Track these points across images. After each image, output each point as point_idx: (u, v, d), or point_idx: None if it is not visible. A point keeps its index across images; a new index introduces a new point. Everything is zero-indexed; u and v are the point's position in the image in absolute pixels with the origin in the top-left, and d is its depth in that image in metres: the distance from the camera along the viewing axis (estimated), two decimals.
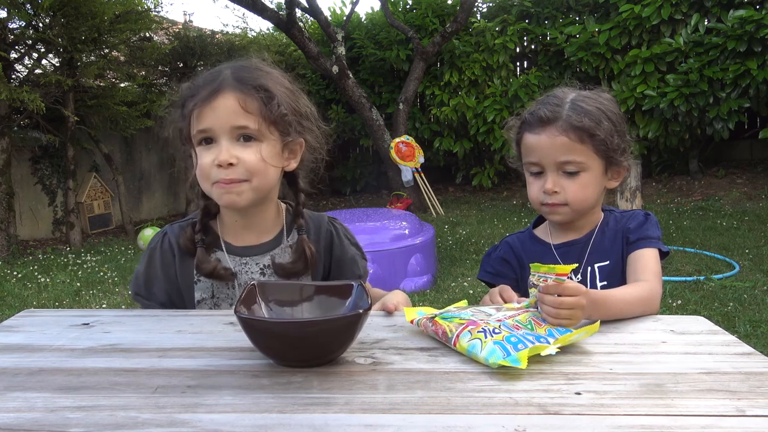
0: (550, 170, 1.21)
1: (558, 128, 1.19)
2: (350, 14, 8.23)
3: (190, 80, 1.16)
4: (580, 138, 1.18)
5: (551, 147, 1.20)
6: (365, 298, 0.89)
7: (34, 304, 3.96)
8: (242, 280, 1.17)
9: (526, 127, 1.25)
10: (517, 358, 0.79)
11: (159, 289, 1.19)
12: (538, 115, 1.22)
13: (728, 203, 6.42)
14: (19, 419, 0.68)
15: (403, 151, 7.00)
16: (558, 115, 1.20)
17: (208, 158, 1.07)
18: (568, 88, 1.28)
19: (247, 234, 1.20)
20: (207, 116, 1.07)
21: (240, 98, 1.07)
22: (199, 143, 1.09)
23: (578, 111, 1.20)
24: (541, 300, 0.94)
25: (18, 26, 5.71)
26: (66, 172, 6.14)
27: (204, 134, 1.08)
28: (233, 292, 1.17)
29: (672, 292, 3.60)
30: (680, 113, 6.54)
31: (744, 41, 6.18)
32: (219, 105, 1.07)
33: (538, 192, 1.23)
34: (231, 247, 1.19)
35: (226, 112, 1.07)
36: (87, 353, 0.89)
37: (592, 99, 1.24)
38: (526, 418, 0.67)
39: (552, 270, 0.94)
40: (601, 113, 1.21)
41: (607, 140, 1.20)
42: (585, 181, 1.21)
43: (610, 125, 1.21)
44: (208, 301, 1.18)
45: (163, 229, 1.24)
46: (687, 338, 0.94)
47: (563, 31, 7.56)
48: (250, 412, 0.69)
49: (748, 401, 0.71)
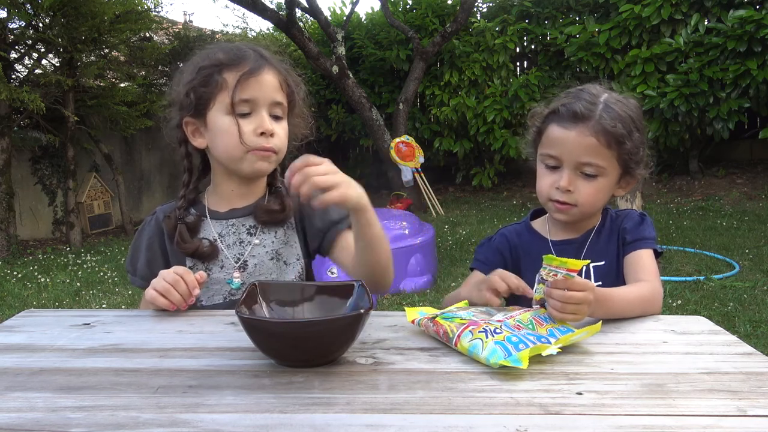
0: (569, 168, 1.18)
1: (590, 128, 1.16)
2: (350, 14, 8.23)
3: (206, 51, 1.20)
4: (608, 143, 1.16)
5: (578, 145, 1.16)
6: (366, 298, 0.89)
7: (34, 304, 3.95)
8: (230, 241, 1.22)
9: (556, 118, 1.20)
10: (518, 358, 0.79)
11: (141, 264, 1.24)
12: (572, 109, 1.17)
13: (728, 203, 6.42)
14: (21, 419, 0.68)
15: (403, 151, 7.00)
16: (592, 113, 1.16)
17: (248, 126, 1.14)
18: (600, 86, 1.24)
19: (237, 200, 1.25)
20: (251, 87, 1.14)
21: (279, 77, 1.18)
22: (230, 112, 1.14)
23: (612, 115, 1.16)
24: (549, 294, 0.94)
25: (18, 26, 5.71)
26: (66, 172, 6.13)
27: (246, 103, 1.14)
28: (223, 254, 1.21)
29: (672, 292, 3.60)
30: (680, 113, 6.54)
31: (744, 41, 6.17)
32: (264, 79, 1.15)
33: (550, 187, 1.21)
34: (217, 214, 1.24)
35: (269, 87, 1.16)
36: (88, 353, 0.89)
37: (623, 104, 1.20)
38: (528, 418, 0.67)
39: (564, 264, 0.94)
40: (632, 122, 1.18)
41: (633, 151, 1.18)
42: (600, 186, 1.20)
43: (639, 136, 1.19)
44: (200, 266, 1.21)
45: (153, 210, 1.30)
46: (688, 338, 0.94)
47: (563, 31, 7.56)
48: (252, 412, 0.69)
49: (749, 401, 0.71)
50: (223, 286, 1.21)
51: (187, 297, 1.06)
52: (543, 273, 0.97)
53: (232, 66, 1.15)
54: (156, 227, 1.25)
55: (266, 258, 1.22)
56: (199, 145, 1.21)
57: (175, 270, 1.07)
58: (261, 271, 1.21)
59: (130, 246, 1.29)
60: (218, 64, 1.16)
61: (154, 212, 1.29)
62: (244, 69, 1.14)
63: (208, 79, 1.15)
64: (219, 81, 1.14)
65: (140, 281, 1.23)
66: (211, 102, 1.15)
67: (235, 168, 1.19)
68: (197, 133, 1.20)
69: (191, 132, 1.20)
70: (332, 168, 0.99)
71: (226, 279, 1.20)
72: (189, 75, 1.18)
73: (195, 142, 1.20)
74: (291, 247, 1.25)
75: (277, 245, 1.23)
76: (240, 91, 1.13)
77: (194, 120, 1.19)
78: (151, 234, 1.25)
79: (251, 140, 1.14)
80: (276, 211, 1.23)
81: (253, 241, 1.22)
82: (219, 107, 1.15)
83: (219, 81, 1.14)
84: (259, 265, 1.22)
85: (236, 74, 1.14)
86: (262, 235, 1.23)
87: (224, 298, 1.20)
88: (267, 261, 1.22)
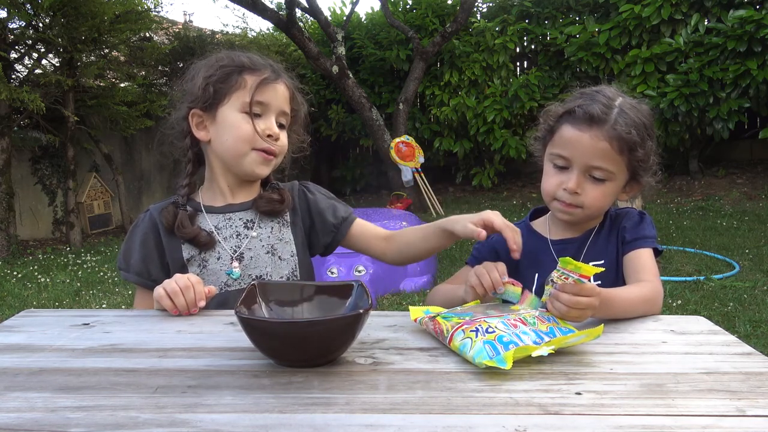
0: (578, 170, 1.18)
1: (604, 132, 1.15)
2: (350, 14, 8.23)
3: (228, 53, 1.28)
4: (620, 149, 1.15)
5: (590, 149, 1.16)
6: (365, 298, 0.89)
7: (34, 304, 3.95)
8: (226, 233, 1.26)
9: (570, 119, 1.19)
10: (503, 358, 0.79)
11: (135, 260, 1.26)
12: (588, 111, 1.16)
13: (728, 203, 6.42)
14: (20, 419, 0.68)
15: (403, 151, 7.00)
16: (607, 117, 1.15)
17: (260, 126, 1.22)
18: (615, 89, 1.23)
19: (233, 196, 1.29)
20: (268, 92, 1.23)
21: (289, 91, 1.28)
22: (243, 110, 1.22)
23: (627, 121, 1.16)
24: (557, 296, 0.94)
25: (18, 26, 5.70)
26: (66, 172, 6.13)
27: (259, 106, 1.22)
28: (220, 246, 1.25)
29: (672, 292, 3.60)
30: (680, 113, 6.54)
31: (744, 41, 6.18)
32: (279, 88, 1.25)
33: (556, 187, 1.21)
34: (213, 208, 1.28)
35: (281, 96, 1.26)
36: (87, 353, 0.89)
37: (637, 110, 1.20)
38: (527, 418, 0.67)
39: (578, 270, 0.93)
40: (645, 129, 1.18)
41: (643, 158, 1.17)
42: (608, 191, 1.19)
43: (651, 144, 1.18)
44: (197, 258, 1.24)
45: (146, 209, 1.33)
46: (687, 338, 0.94)
47: (563, 31, 7.56)
48: (251, 412, 0.69)
49: (749, 401, 0.71)
50: (219, 277, 1.23)
51: (192, 305, 1.08)
52: (554, 276, 0.96)
53: (253, 70, 1.24)
54: (150, 224, 1.27)
55: (262, 252, 1.26)
56: (202, 138, 1.26)
57: (188, 276, 1.10)
58: (256, 264, 1.25)
59: (122, 243, 1.31)
60: (240, 65, 1.24)
61: (147, 210, 1.31)
62: (263, 75, 1.24)
63: (227, 77, 1.23)
64: (238, 80, 1.22)
65: (135, 277, 1.25)
66: (226, 98, 1.22)
67: (236, 165, 1.24)
68: (202, 126, 1.26)
69: (196, 124, 1.25)
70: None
71: (225, 270, 1.23)
72: (208, 70, 1.25)
73: (198, 134, 1.26)
74: (285, 243, 1.29)
75: (272, 240, 1.28)
76: (257, 93, 1.22)
77: (202, 113, 1.24)
78: (146, 230, 1.27)
79: (256, 140, 1.22)
80: (276, 201, 1.28)
81: (250, 234, 1.26)
82: (233, 104, 1.22)
83: (238, 80, 1.22)
84: (255, 258, 1.25)
85: (256, 78, 1.23)
86: (259, 229, 1.27)
87: (220, 288, 1.22)
88: (263, 255, 1.26)
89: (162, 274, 1.23)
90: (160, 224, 1.25)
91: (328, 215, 1.33)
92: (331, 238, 1.34)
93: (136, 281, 1.26)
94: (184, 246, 1.24)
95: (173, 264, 1.24)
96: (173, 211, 1.24)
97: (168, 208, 1.26)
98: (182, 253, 1.24)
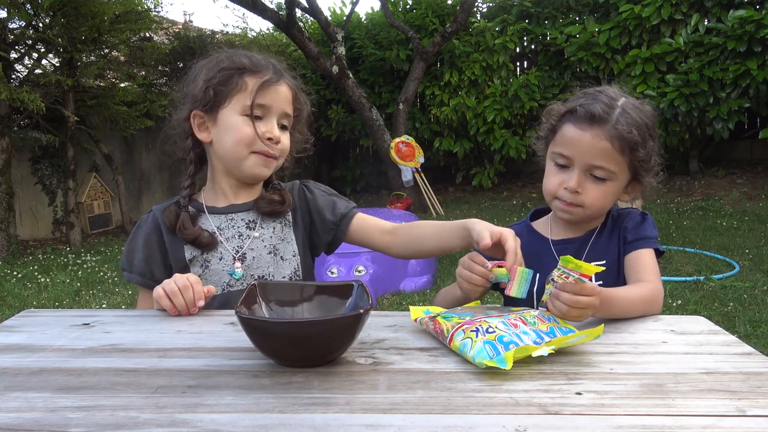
0: (579, 169, 1.18)
1: (605, 132, 1.15)
2: (350, 14, 8.23)
3: (229, 53, 1.26)
4: (621, 149, 1.15)
5: (591, 148, 1.16)
6: (365, 298, 0.89)
7: (34, 304, 3.95)
8: (229, 234, 1.26)
9: (572, 118, 1.20)
10: (503, 358, 0.79)
11: (138, 261, 1.26)
12: (590, 110, 1.16)
13: (728, 203, 6.42)
14: (20, 419, 0.68)
15: (403, 151, 7.00)
16: (609, 117, 1.16)
17: (260, 128, 1.21)
18: (618, 89, 1.24)
19: (235, 196, 1.29)
20: (269, 94, 1.22)
21: (292, 92, 1.27)
22: (244, 113, 1.21)
23: (629, 120, 1.16)
24: (557, 296, 0.94)
25: (18, 26, 5.70)
26: (66, 172, 6.13)
27: (260, 108, 1.21)
28: (222, 246, 1.25)
29: (672, 292, 3.60)
30: (680, 113, 6.54)
31: (744, 41, 6.18)
32: (281, 89, 1.24)
33: (558, 186, 1.21)
34: (215, 209, 1.28)
35: (283, 98, 1.24)
36: (87, 353, 0.89)
37: (640, 110, 1.20)
38: (527, 418, 0.67)
39: (579, 268, 0.93)
40: (647, 130, 1.18)
41: (645, 159, 1.17)
42: (609, 190, 1.19)
43: (653, 145, 1.18)
44: (199, 258, 1.24)
45: (149, 209, 1.33)
46: (687, 338, 0.94)
47: (563, 31, 7.56)
48: (251, 412, 0.69)
49: (749, 401, 0.71)
50: (222, 277, 1.23)
51: (191, 305, 1.08)
52: (555, 275, 0.96)
53: (254, 72, 1.22)
54: (153, 224, 1.27)
55: (264, 252, 1.26)
56: (203, 139, 1.26)
57: (188, 276, 1.10)
58: (258, 264, 1.25)
59: (125, 244, 1.31)
60: (241, 67, 1.22)
61: (150, 210, 1.31)
62: (265, 77, 1.22)
63: (228, 79, 1.22)
64: (239, 83, 1.21)
65: (138, 277, 1.25)
66: (227, 101, 1.21)
67: (236, 167, 1.24)
68: (203, 127, 1.25)
69: (197, 125, 1.25)
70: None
71: (228, 270, 1.23)
72: (209, 72, 1.24)
73: (200, 135, 1.25)
74: (287, 243, 1.29)
75: (275, 240, 1.28)
76: (258, 95, 1.21)
77: (204, 114, 1.24)
78: (149, 231, 1.27)
79: (255, 142, 1.21)
80: (277, 202, 1.28)
81: (252, 235, 1.26)
82: (234, 106, 1.21)
83: (239, 83, 1.21)
84: (257, 258, 1.25)
85: (257, 80, 1.21)
86: (261, 230, 1.27)
87: (222, 289, 1.23)
88: (265, 255, 1.26)
89: (165, 274, 1.23)
90: (162, 225, 1.25)
91: (327, 213, 1.32)
92: (332, 235, 1.33)
93: (139, 282, 1.25)
94: (186, 246, 1.24)
95: (176, 264, 1.24)
96: (175, 212, 1.24)
97: (170, 208, 1.26)
98: (185, 254, 1.24)
